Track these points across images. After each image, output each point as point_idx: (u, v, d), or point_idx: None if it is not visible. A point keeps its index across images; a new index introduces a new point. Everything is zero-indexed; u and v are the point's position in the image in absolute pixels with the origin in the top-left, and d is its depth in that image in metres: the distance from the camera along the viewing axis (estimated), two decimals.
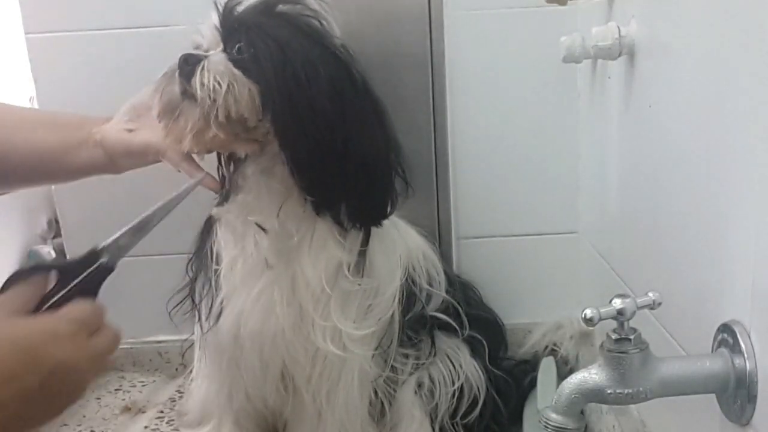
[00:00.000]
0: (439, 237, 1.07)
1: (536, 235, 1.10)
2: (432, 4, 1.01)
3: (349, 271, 0.77)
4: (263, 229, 0.76)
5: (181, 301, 0.85)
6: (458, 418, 0.86)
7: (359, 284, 0.78)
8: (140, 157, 0.84)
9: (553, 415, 0.52)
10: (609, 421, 0.82)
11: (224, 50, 0.73)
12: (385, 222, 0.81)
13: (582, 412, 0.53)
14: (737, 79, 0.49)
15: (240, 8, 0.74)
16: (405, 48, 1.02)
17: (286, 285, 0.77)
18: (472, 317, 0.92)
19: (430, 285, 0.88)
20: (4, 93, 1.09)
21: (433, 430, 0.84)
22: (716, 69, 0.53)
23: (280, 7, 0.74)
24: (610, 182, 0.87)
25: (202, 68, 0.70)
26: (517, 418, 0.91)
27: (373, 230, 0.79)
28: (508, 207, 1.08)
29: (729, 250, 0.51)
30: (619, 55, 0.74)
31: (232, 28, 0.73)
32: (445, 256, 1.05)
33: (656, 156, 0.68)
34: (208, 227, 0.83)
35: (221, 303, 0.80)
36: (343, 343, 0.77)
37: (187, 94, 0.71)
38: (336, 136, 0.71)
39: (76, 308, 0.54)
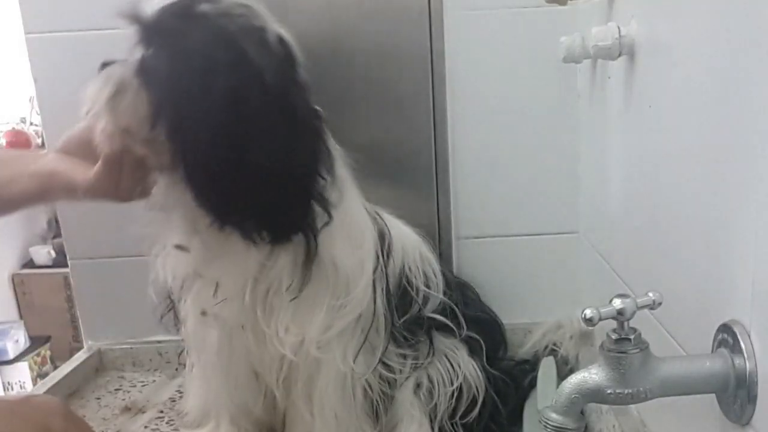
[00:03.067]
0: (439, 237, 1.07)
1: (536, 235, 1.09)
2: (432, 3, 1.01)
3: (288, 288, 0.75)
4: (184, 248, 0.75)
5: (168, 310, 0.85)
6: (457, 418, 0.85)
7: (293, 298, 0.75)
8: (55, 187, 0.77)
9: (553, 415, 0.52)
10: (609, 421, 0.82)
11: (140, 56, 0.69)
12: (353, 210, 0.79)
13: (582, 412, 0.53)
14: (737, 78, 0.49)
15: (158, 8, 0.69)
16: (405, 48, 1.02)
17: (222, 297, 0.76)
18: (470, 317, 0.91)
19: (428, 286, 0.88)
20: (4, 93, 1.09)
21: (432, 430, 0.84)
22: (716, 69, 0.53)
23: (202, 7, 0.68)
24: (610, 182, 0.87)
25: (98, 77, 0.68)
26: (517, 418, 0.91)
27: (336, 225, 0.75)
28: (508, 207, 1.08)
29: (729, 250, 0.51)
30: (619, 55, 0.74)
31: (144, 33, 0.69)
32: (444, 256, 1.05)
33: (656, 156, 0.68)
34: None
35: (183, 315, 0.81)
36: (307, 351, 0.76)
37: None
38: (231, 151, 0.67)
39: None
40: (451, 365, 0.87)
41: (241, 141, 0.67)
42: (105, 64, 0.70)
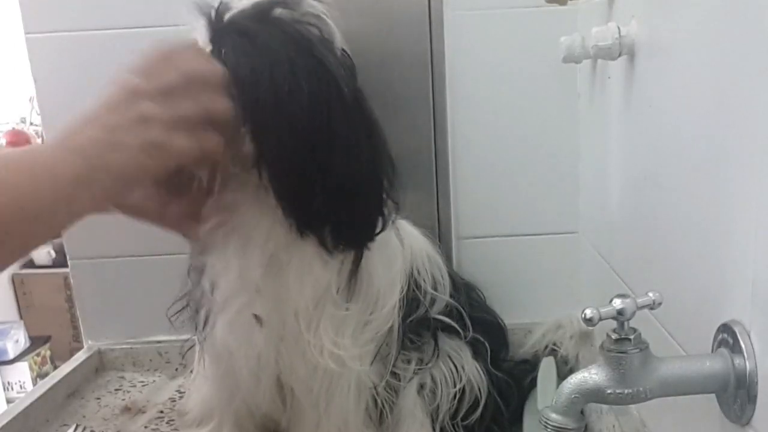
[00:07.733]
0: (440, 237, 1.07)
1: (536, 235, 1.10)
2: (432, 4, 1.01)
3: (337, 293, 0.75)
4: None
5: (179, 310, 0.85)
6: (459, 419, 0.86)
7: (347, 309, 0.76)
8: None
9: (553, 415, 0.52)
10: (609, 421, 0.82)
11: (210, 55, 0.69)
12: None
13: (582, 412, 0.53)
14: (737, 78, 0.49)
15: (233, 11, 0.69)
16: (405, 48, 1.02)
17: (272, 306, 0.75)
18: (475, 319, 0.91)
19: (435, 288, 0.87)
20: (4, 93, 1.09)
21: (434, 430, 0.84)
22: (716, 69, 0.53)
23: (277, 12, 0.69)
24: (610, 182, 0.87)
25: None
26: (518, 419, 0.91)
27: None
28: (508, 207, 1.08)
29: (729, 250, 0.51)
30: (619, 55, 0.74)
31: (220, 32, 0.69)
32: (445, 256, 1.05)
33: (656, 156, 0.68)
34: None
35: (213, 318, 0.80)
36: (342, 359, 0.76)
37: None
38: (317, 156, 0.68)
39: None
40: (455, 367, 0.86)
41: (327, 146, 0.68)
42: None
